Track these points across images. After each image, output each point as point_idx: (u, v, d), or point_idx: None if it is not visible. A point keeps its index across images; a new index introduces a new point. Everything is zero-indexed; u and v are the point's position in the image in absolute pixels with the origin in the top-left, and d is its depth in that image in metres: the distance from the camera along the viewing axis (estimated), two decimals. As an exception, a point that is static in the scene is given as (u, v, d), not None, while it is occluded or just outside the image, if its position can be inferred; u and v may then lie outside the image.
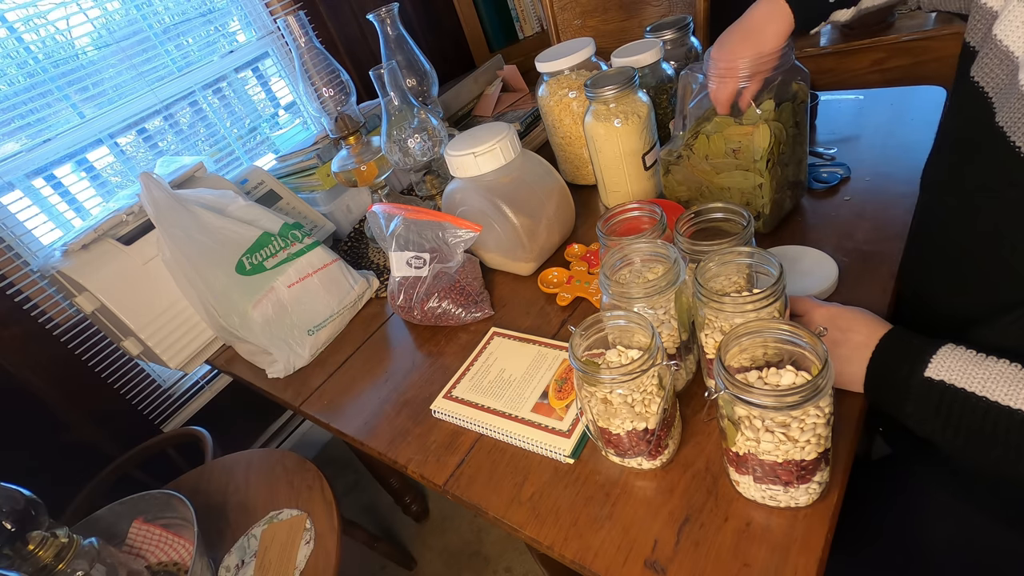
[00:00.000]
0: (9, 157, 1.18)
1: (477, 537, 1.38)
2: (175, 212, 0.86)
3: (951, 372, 0.45)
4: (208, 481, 1.00)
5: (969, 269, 0.51)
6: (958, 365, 0.45)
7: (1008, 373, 0.43)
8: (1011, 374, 0.43)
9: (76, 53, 1.28)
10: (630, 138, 0.80)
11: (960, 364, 0.45)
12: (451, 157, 0.80)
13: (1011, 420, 0.42)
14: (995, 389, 0.43)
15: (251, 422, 1.61)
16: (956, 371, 0.45)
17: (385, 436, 0.69)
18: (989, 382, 0.43)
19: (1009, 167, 0.43)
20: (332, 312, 0.89)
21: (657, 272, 0.57)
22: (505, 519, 0.55)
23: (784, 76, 0.67)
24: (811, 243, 0.69)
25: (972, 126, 0.47)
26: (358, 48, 1.74)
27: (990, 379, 0.43)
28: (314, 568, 0.80)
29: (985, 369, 0.44)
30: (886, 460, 0.70)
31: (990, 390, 0.43)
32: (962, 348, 0.46)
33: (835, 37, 1.49)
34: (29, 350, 1.18)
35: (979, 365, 0.44)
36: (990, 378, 0.43)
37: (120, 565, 0.73)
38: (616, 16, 1.44)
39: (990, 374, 0.43)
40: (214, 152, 1.51)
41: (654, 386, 0.48)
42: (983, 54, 0.45)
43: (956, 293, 0.53)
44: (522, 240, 0.80)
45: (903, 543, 0.59)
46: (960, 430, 0.45)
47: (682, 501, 0.51)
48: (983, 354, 0.45)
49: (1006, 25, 0.42)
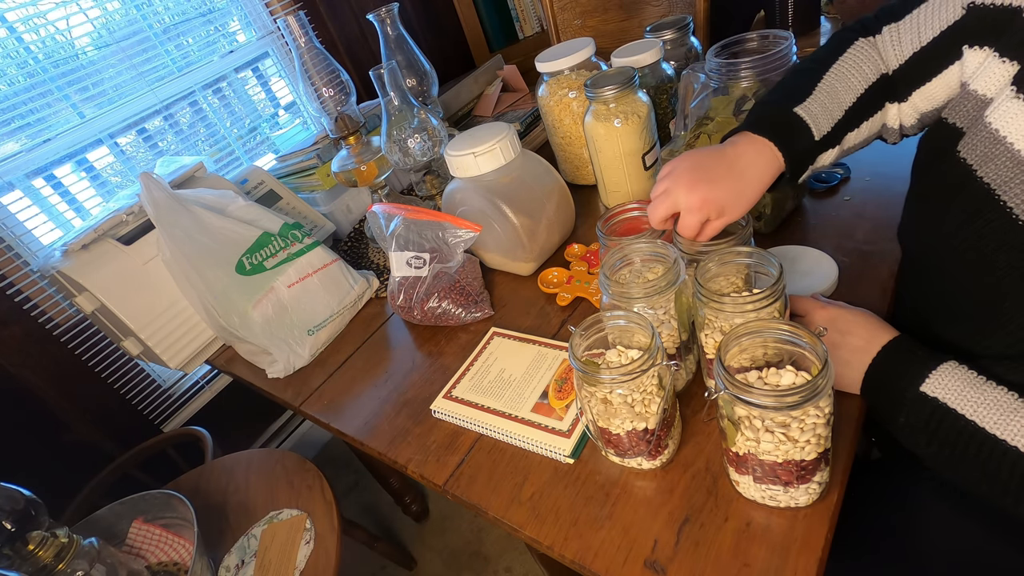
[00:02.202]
0: (9, 157, 1.18)
1: (477, 537, 1.38)
2: (175, 212, 0.86)
3: (947, 391, 0.45)
4: (208, 481, 1.00)
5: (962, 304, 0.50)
6: (956, 385, 0.45)
7: (1003, 402, 0.43)
8: (1006, 403, 0.43)
9: (76, 53, 1.28)
10: (630, 138, 0.80)
11: (958, 384, 0.45)
12: (451, 157, 0.80)
13: (994, 449, 0.42)
14: (985, 416, 0.43)
15: (251, 422, 1.61)
16: (952, 391, 0.45)
17: (385, 436, 0.69)
18: (981, 408, 0.43)
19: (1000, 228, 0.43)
20: (332, 312, 0.89)
21: (657, 272, 0.57)
22: (505, 519, 0.55)
23: None
24: (811, 243, 0.69)
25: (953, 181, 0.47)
26: (358, 48, 1.74)
27: (983, 404, 0.43)
28: (314, 568, 0.80)
29: (982, 394, 0.44)
30: (886, 461, 0.70)
31: (980, 416, 0.43)
32: (964, 368, 0.45)
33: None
34: (29, 350, 1.18)
35: (976, 389, 0.44)
36: (984, 404, 0.43)
37: (120, 565, 0.73)
38: (616, 16, 1.44)
39: (985, 399, 0.43)
40: (214, 152, 1.51)
41: (654, 386, 0.48)
42: (971, 134, 0.46)
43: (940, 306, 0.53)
44: (522, 240, 0.80)
45: (902, 545, 0.59)
46: (944, 448, 0.45)
47: (682, 501, 0.51)
48: (983, 377, 0.45)
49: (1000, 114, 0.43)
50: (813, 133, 0.54)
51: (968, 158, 0.45)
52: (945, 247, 0.49)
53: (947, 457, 0.45)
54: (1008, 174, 0.42)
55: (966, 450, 0.44)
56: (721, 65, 0.71)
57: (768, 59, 0.66)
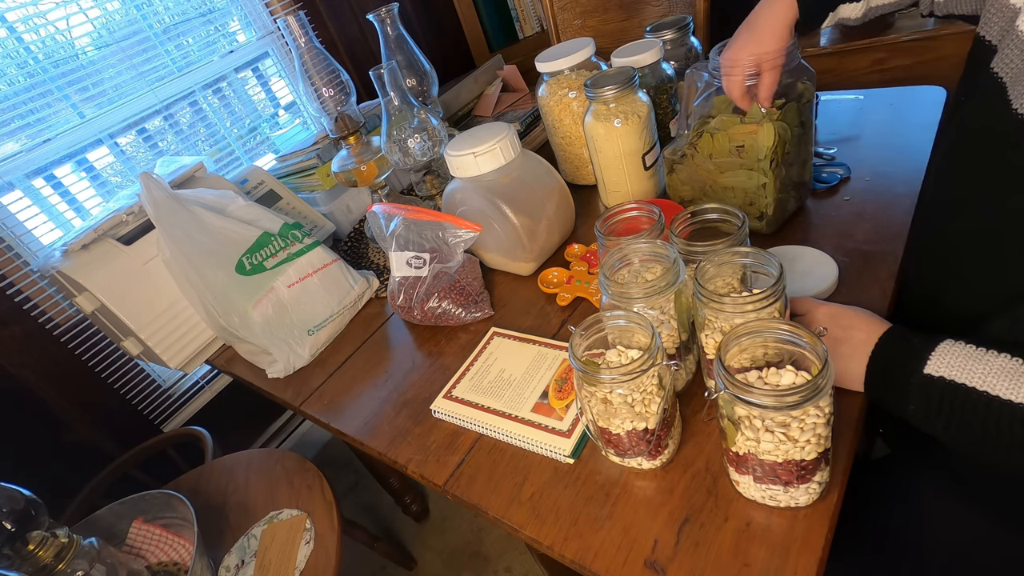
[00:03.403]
0: (9, 157, 1.18)
1: (477, 537, 1.38)
2: (175, 212, 0.86)
3: (951, 368, 0.44)
4: (208, 481, 1.00)
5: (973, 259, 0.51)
6: (958, 361, 0.44)
7: (1009, 367, 0.43)
8: (1012, 368, 0.42)
9: (76, 53, 1.28)
10: (630, 138, 0.80)
11: (959, 360, 0.44)
12: (451, 157, 0.80)
13: (1014, 415, 0.42)
14: (996, 383, 0.42)
15: (251, 422, 1.61)
16: (956, 367, 0.44)
17: (385, 436, 0.69)
18: (990, 376, 0.43)
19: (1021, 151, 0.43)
20: (332, 312, 0.89)
21: (656, 272, 0.57)
22: (505, 519, 0.55)
23: (790, 76, 0.66)
24: (811, 243, 0.69)
25: (987, 115, 0.48)
26: (358, 48, 1.74)
27: (991, 374, 0.43)
28: (314, 568, 0.80)
29: (985, 364, 0.43)
30: (886, 460, 0.70)
31: (991, 384, 0.43)
32: (961, 343, 0.45)
33: (835, 37, 1.49)
34: (29, 350, 1.18)
35: (979, 360, 0.44)
36: (991, 372, 0.43)
37: (120, 565, 0.73)
38: (616, 16, 1.44)
39: (991, 368, 0.43)
40: (214, 152, 1.51)
41: (654, 386, 0.48)
42: (1005, 46, 0.46)
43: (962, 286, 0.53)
44: (522, 240, 0.80)
45: (903, 545, 0.59)
46: (963, 427, 0.44)
47: (682, 501, 0.51)
48: (982, 348, 0.44)
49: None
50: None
51: (1000, 73, 0.46)
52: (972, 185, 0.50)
53: (968, 434, 0.44)
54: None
55: (986, 422, 0.43)
56: None
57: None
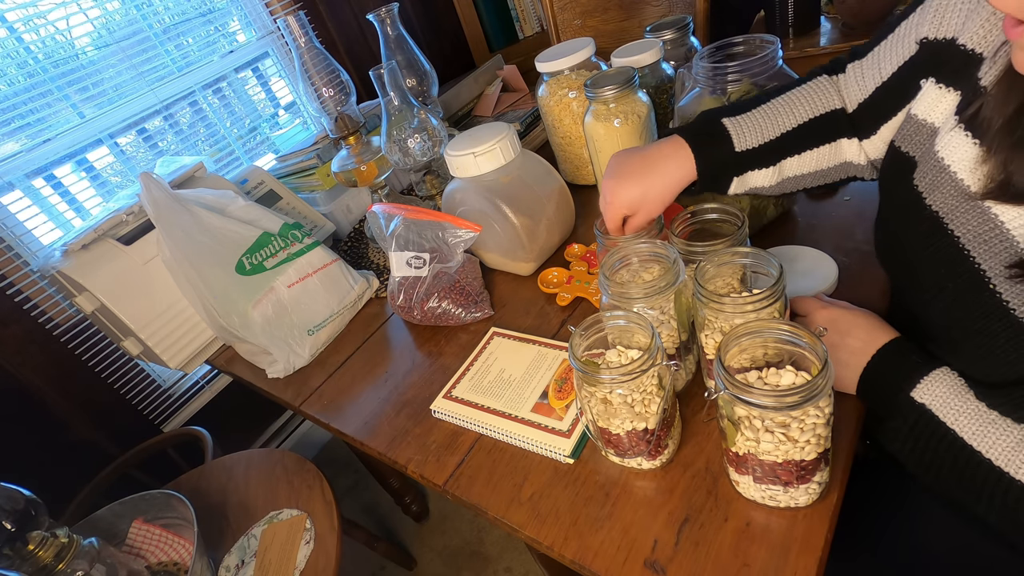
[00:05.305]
0: (9, 157, 1.18)
1: (477, 537, 1.38)
2: (175, 212, 0.86)
3: (934, 398, 0.45)
4: (208, 481, 1.00)
5: None
6: (943, 393, 0.45)
7: (980, 413, 0.43)
8: (983, 415, 0.43)
9: (76, 53, 1.28)
10: (630, 138, 0.80)
11: (945, 392, 0.45)
12: (451, 157, 0.80)
13: (970, 459, 0.43)
14: (965, 426, 0.43)
15: (251, 422, 1.61)
16: (939, 398, 0.45)
17: (385, 436, 0.69)
18: (962, 417, 0.44)
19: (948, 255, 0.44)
20: (332, 312, 0.89)
21: (655, 272, 0.57)
22: (505, 519, 0.55)
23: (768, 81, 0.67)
24: (811, 243, 0.69)
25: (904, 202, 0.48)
26: (358, 48, 1.74)
27: (964, 414, 0.44)
28: (314, 568, 0.80)
29: (964, 403, 0.44)
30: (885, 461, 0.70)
31: (960, 425, 0.44)
32: (955, 375, 0.46)
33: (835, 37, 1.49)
34: (29, 350, 1.18)
35: (960, 397, 0.44)
36: (964, 413, 0.44)
37: (120, 565, 0.73)
38: (616, 16, 1.44)
39: (966, 409, 0.44)
40: (214, 152, 1.51)
41: (654, 386, 0.48)
42: (923, 164, 0.46)
43: None
44: (522, 240, 0.80)
45: (903, 545, 0.59)
46: (926, 453, 0.46)
47: (682, 501, 0.51)
48: (967, 387, 0.45)
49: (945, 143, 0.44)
50: (734, 144, 0.56)
51: (919, 186, 0.46)
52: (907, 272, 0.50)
53: (927, 463, 0.46)
54: (952, 203, 0.43)
55: (944, 458, 0.44)
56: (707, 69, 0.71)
57: (752, 63, 0.67)
